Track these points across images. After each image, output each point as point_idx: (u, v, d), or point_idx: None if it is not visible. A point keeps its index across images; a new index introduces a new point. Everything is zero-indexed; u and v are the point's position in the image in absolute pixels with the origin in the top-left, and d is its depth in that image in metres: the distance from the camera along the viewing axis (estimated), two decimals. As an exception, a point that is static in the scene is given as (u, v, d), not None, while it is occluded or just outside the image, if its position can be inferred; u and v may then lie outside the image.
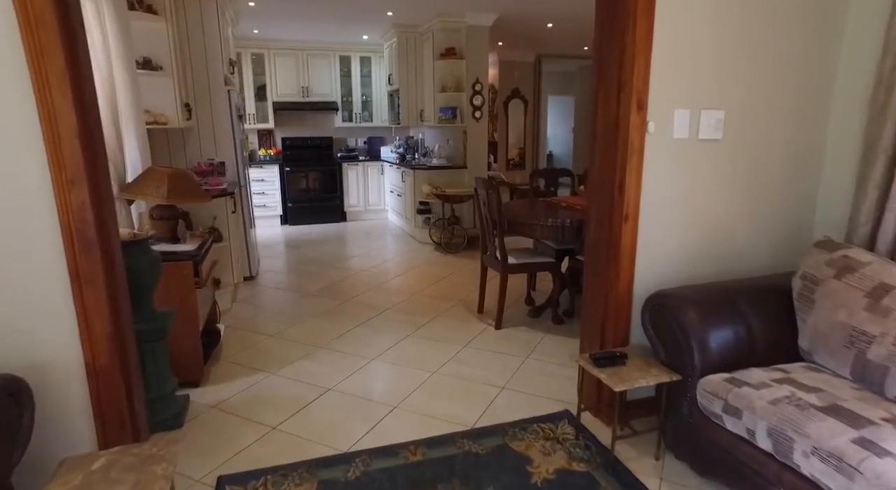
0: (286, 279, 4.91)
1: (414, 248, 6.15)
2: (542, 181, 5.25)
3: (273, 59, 7.25)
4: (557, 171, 4.81)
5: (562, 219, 3.32)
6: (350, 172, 7.71)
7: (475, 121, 6.15)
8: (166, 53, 3.59)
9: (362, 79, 7.85)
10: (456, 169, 6.26)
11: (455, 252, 5.87)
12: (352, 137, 8.25)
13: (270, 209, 7.42)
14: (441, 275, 5.01)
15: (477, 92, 6.06)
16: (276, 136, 7.82)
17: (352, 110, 7.89)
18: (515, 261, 3.56)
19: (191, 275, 2.67)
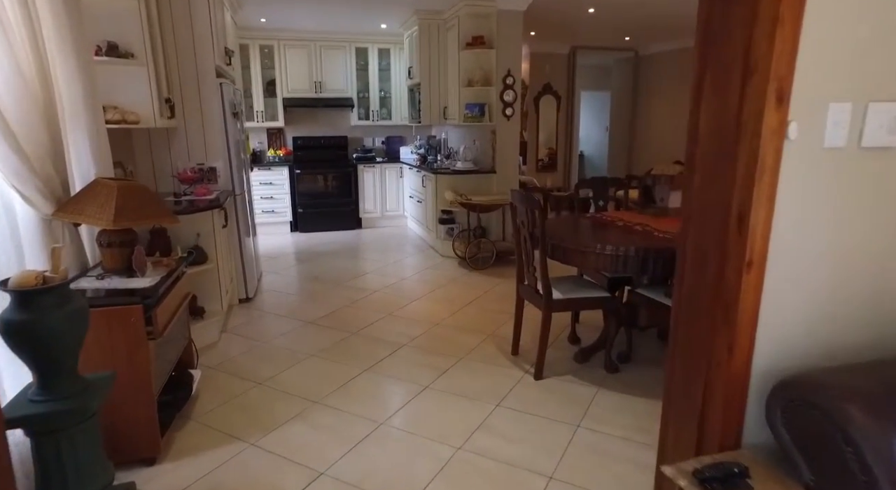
0: (288, 301, 4.27)
1: (435, 262, 5.47)
2: (587, 191, 4.51)
3: (283, 52, 6.64)
4: (608, 180, 4.03)
5: (623, 247, 2.58)
6: (366, 175, 7.06)
7: (506, 119, 5.43)
8: (138, 38, 2.96)
9: (380, 73, 7.18)
10: (483, 173, 5.55)
11: (482, 269, 5.16)
12: (368, 137, 7.60)
13: (279, 215, 6.81)
14: (466, 298, 4.31)
15: (508, 86, 5.34)
16: (287, 136, 7.22)
17: (368, 107, 7.24)
18: (562, 296, 2.84)
19: (141, 322, 2.02)
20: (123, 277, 2.23)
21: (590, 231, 3.05)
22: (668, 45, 7.94)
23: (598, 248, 2.62)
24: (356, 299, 4.29)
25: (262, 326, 3.73)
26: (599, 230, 3.04)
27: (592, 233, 2.99)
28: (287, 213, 6.85)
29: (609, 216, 3.38)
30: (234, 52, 4.51)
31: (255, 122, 6.69)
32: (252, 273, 4.32)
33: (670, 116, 8.03)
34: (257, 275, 4.73)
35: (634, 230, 2.95)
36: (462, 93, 5.50)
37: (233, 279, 4.04)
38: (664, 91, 8.15)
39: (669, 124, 8.06)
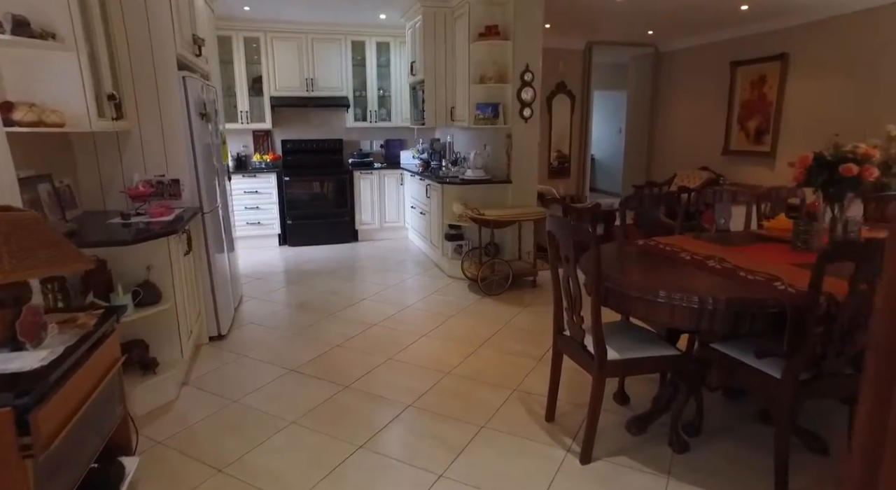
0: (269, 339, 3.57)
1: (442, 285, 4.77)
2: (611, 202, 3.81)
3: (270, 45, 5.94)
4: (660, 196, 3.23)
5: (711, 296, 1.89)
6: (363, 182, 6.36)
7: (523, 121, 4.74)
8: (62, 13, 2.26)
9: (379, 69, 6.49)
10: (497, 183, 4.86)
11: (496, 294, 4.47)
12: (366, 140, 6.90)
13: (266, 227, 6.11)
14: (482, 334, 3.62)
15: (526, 83, 4.65)
16: (275, 139, 6.52)
17: (366, 107, 6.55)
18: (618, 355, 2.15)
19: (10, 433, 1.33)
20: (5, 352, 1.54)
21: (652, 269, 2.36)
22: (691, 41, 7.26)
23: (674, 297, 1.93)
24: (350, 336, 3.59)
25: (233, 376, 3.03)
26: (663, 267, 2.35)
27: (657, 272, 2.30)
28: (275, 225, 6.15)
29: (665, 244, 2.68)
30: (206, 40, 3.81)
31: (238, 123, 5.99)
32: (226, 303, 3.62)
33: (693, 118, 7.36)
34: (235, 302, 4.03)
35: (710, 268, 2.26)
36: (472, 91, 4.81)
37: (201, 314, 3.35)
38: (686, 90, 7.47)
39: (692, 126, 7.39)
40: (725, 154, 6.81)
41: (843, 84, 5.39)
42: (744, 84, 6.47)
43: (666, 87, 7.90)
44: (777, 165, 6.15)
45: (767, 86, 6.17)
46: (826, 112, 5.58)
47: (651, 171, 8.32)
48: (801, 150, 5.97)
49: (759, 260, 2.35)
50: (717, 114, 6.92)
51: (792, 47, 5.87)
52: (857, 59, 5.25)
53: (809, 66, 5.71)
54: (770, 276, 2.07)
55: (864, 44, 5.18)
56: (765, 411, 2.54)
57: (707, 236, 2.95)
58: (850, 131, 5.59)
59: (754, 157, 6.42)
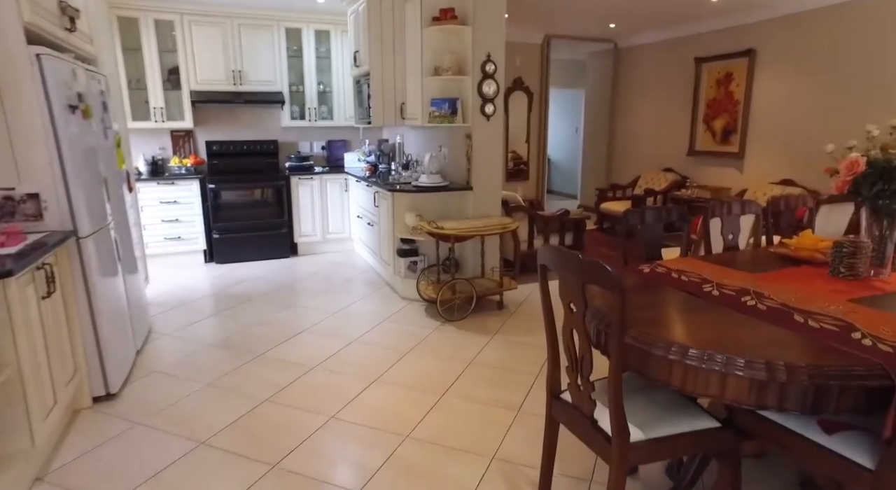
0: (177, 393, 2.80)
1: (395, 309, 4.11)
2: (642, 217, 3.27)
3: (188, 30, 5.08)
4: (671, 210, 2.57)
5: (786, 365, 1.33)
6: (302, 189, 5.60)
7: (485, 119, 4.15)
8: None
9: (318, 61, 5.75)
10: (456, 190, 4.25)
11: (458, 319, 3.86)
12: (305, 141, 6.14)
13: (188, 242, 5.25)
14: (445, 376, 2.99)
15: (488, 75, 4.06)
16: (198, 140, 5.65)
17: (304, 104, 5.79)
18: (643, 435, 1.57)
19: None
20: None
21: (678, 313, 1.80)
22: (652, 37, 6.92)
23: (731, 363, 1.37)
24: (282, 386, 2.88)
25: (118, 458, 2.26)
26: (690, 309, 1.79)
27: (686, 318, 1.74)
28: (198, 240, 5.29)
29: (676, 270, 2.14)
30: (86, 14, 2.98)
31: (151, 121, 5.10)
32: (120, 350, 2.83)
33: (656, 117, 7.02)
34: (138, 343, 3.23)
35: (751, 308, 1.72)
36: (426, 84, 4.18)
37: (78, 373, 2.54)
38: (648, 88, 7.13)
39: (656, 126, 7.05)
40: (691, 155, 6.49)
41: (813, 81, 5.12)
42: (709, 81, 6.16)
43: (626, 84, 7.54)
44: (746, 166, 5.86)
45: (734, 83, 5.87)
46: (796, 110, 5.31)
47: (612, 172, 7.96)
48: (770, 151, 5.72)
49: (806, 294, 1.83)
50: (681, 113, 6.59)
51: (759, 43, 5.58)
52: (825, 56, 4.99)
53: (778, 63, 5.43)
54: (839, 323, 1.55)
55: (832, 39, 4.92)
56: (809, 480, 2.04)
57: (718, 257, 2.44)
58: (821, 130, 5.39)
59: (722, 158, 6.11)
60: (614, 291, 1.41)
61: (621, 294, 1.41)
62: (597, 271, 1.44)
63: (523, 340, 3.50)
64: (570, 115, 10.06)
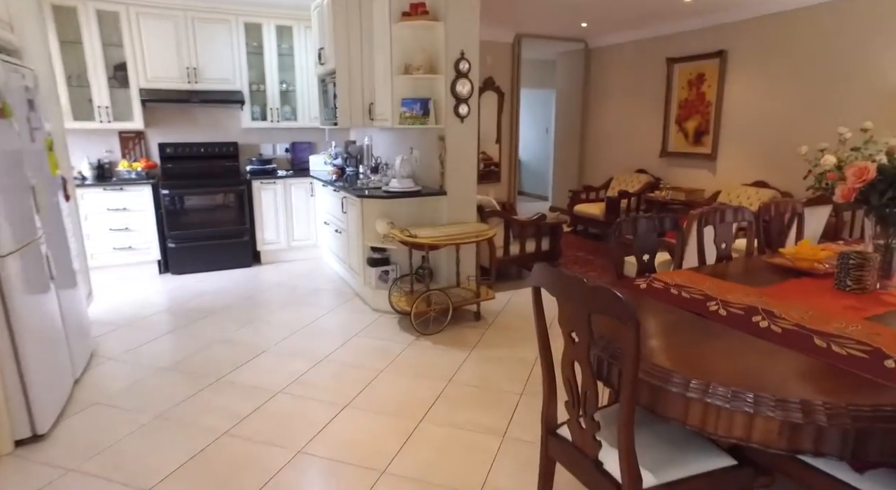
0: (120, 430, 2.49)
1: (366, 322, 3.85)
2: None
3: (136, 23, 4.70)
4: (664, 219, 2.36)
5: (829, 406, 1.17)
6: (264, 193, 5.28)
7: (459, 120, 3.94)
8: None
9: (281, 59, 5.43)
10: (429, 196, 4.03)
11: (433, 332, 3.64)
12: (267, 143, 5.81)
13: (140, 252, 4.86)
14: (422, 397, 2.76)
15: (462, 74, 3.85)
16: (150, 142, 5.25)
17: (265, 104, 5.46)
18: (655, 480, 1.39)
19: None
20: None
21: (686, 338, 1.62)
22: (623, 37, 6.86)
23: (761, 402, 1.19)
24: (243, 416, 2.60)
25: (48, 512, 1.95)
26: (696, 332, 1.62)
27: (696, 344, 1.56)
28: (152, 249, 4.91)
29: (674, 285, 1.98)
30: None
31: (96, 121, 4.69)
32: (52, 383, 2.50)
33: (628, 118, 6.96)
34: (77, 371, 2.89)
35: (764, 330, 1.56)
36: (396, 83, 3.94)
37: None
38: (620, 88, 7.07)
39: (628, 127, 6.99)
40: (664, 156, 6.44)
41: (784, 82, 5.11)
42: (681, 82, 6.12)
43: (598, 84, 7.47)
44: (718, 168, 5.84)
45: (706, 84, 5.84)
46: (767, 112, 5.29)
47: (584, 174, 7.88)
48: (742, 152, 5.70)
49: (819, 312, 1.69)
50: (653, 114, 6.54)
51: (731, 44, 5.55)
52: (796, 57, 4.98)
53: (749, 64, 5.41)
54: (866, 348, 1.40)
55: (803, 41, 4.92)
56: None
57: (715, 269, 2.29)
58: (793, 132, 5.39)
59: (694, 160, 6.08)
60: (628, 324, 1.22)
61: (636, 327, 1.21)
62: (607, 301, 1.25)
63: (504, 355, 3.30)
64: (541, 115, 9.97)
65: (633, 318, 1.21)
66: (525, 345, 3.44)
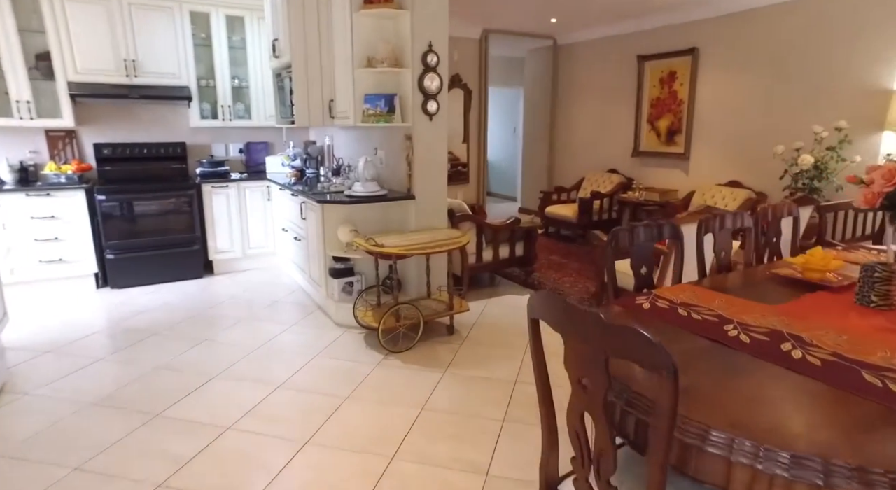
0: (28, 485, 2.08)
1: (329, 339, 3.51)
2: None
3: (60, 8, 4.20)
4: (664, 228, 2.10)
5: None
6: (216, 198, 4.85)
7: (427, 117, 3.64)
8: None
9: (232, 52, 5.01)
10: (395, 200, 3.72)
11: (403, 350, 3.33)
12: (219, 143, 5.36)
13: (73, 265, 4.36)
14: (393, 428, 2.45)
15: (430, 68, 3.55)
16: (83, 142, 4.75)
17: (216, 101, 5.02)
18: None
19: None
20: None
21: (710, 374, 1.37)
22: (592, 34, 6.70)
23: (824, 470, 0.94)
24: (185, 460, 2.23)
25: None
26: (722, 367, 1.37)
27: (728, 386, 1.30)
28: (88, 262, 4.42)
29: (680, 303, 1.74)
30: None
31: (14, 118, 4.18)
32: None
33: (599, 117, 6.81)
34: (-17, 414, 2.45)
35: (799, 362, 1.33)
36: (358, 78, 3.61)
37: None
38: (590, 86, 6.91)
39: (598, 126, 6.84)
40: (636, 155, 6.31)
41: (757, 81, 5.02)
42: (653, 80, 5.99)
43: (567, 83, 7.29)
44: (692, 167, 5.73)
45: (678, 82, 5.72)
46: (740, 110, 5.20)
47: (554, 174, 7.70)
48: (715, 152, 5.57)
49: (854, 336, 1.47)
50: (624, 112, 6.40)
51: (702, 41, 5.44)
52: (769, 55, 4.90)
53: (721, 62, 5.31)
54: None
55: (775, 39, 4.83)
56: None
57: (718, 282, 2.06)
58: (766, 131, 5.33)
59: (667, 159, 5.96)
60: (664, 374, 0.95)
61: (675, 380, 0.94)
62: (635, 344, 0.97)
63: (481, 375, 3.02)
64: (508, 114, 9.77)
65: (671, 366, 0.94)
66: (503, 362, 3.17)
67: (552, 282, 4.70)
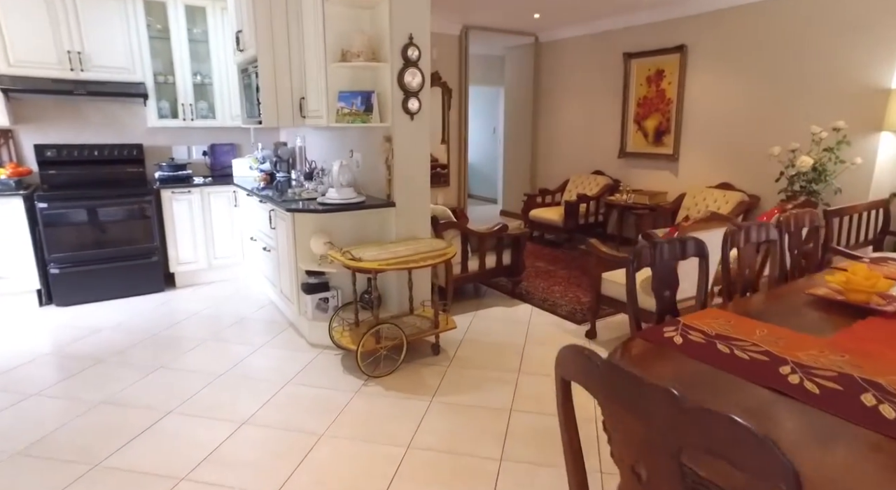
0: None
1: (302, 363, 3.16)
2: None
3: (-3, -5, 3.76)
4: (685, 245, 1.85)
5: None
6: (178, 204, 4.44)
7: (408, 117, 3.32)
8: None
9: (193, 45, 4.60)
10: (374, 208, 3.39)
11: (385, 374, 3.01)
12: (180, 145, 4.94)
13: (10, 281, 3.91)
14: (377, 474, 2.13)
15: (411, 63, 3.23)
16: (22, 143, 4.29)
17: (176, 99, 4.61)
18: None
19: None
20: None
21: (791, 447, 1.09)
22: (576, 30, 6.47)
23: None
24: (126, 526, 1.87)
25: None
26: (816, 440, 1.10)
27: (827, 466, 1.03)
28: (28, 277, 3.97)
29: (717, 336, 1.46)
30: None
31: (-57, 119, 3.71)
32: None
33: (584, 116, 6.59)
34: None
35: None
36: (332, 73, 3.27)
37: None
38: (574, 85, 6.68)
39: (583, 126, 6.62)
40: (622, 156, 6.10)
41: (748, 79, 4.85)
42: (639, 79, 5.78)
43: (550, 81, 7.05)
44: (681, 169, 5.54)
45: (666, 81, 5.52)
46: (731, 110, 5.02)
47: (537, 175, 7.46)
48: (706, 152, 5.36)
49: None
50: (610, 112, 6.18)
51: (691, 38, 5.25)
52: (761, 52, 4.73)
53: (711, 59, 5.12)
54: None
55: (766, 35, 4.66)
56: None
57: (751, 306, 1.80)
58: (758, 130, 5.14)
59: (655, 160, 5.76)
60: (778, 482, 0.65)
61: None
62: (728, 438, 0.68)
63: (472, 402, 2.72)
64: (488, 114, 9.51)
65: (791, 476, 0.65)
66: (495, 387, 2.88)
67: (541, 291, 4.43)
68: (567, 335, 3.57)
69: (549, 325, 3.77)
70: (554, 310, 4.01)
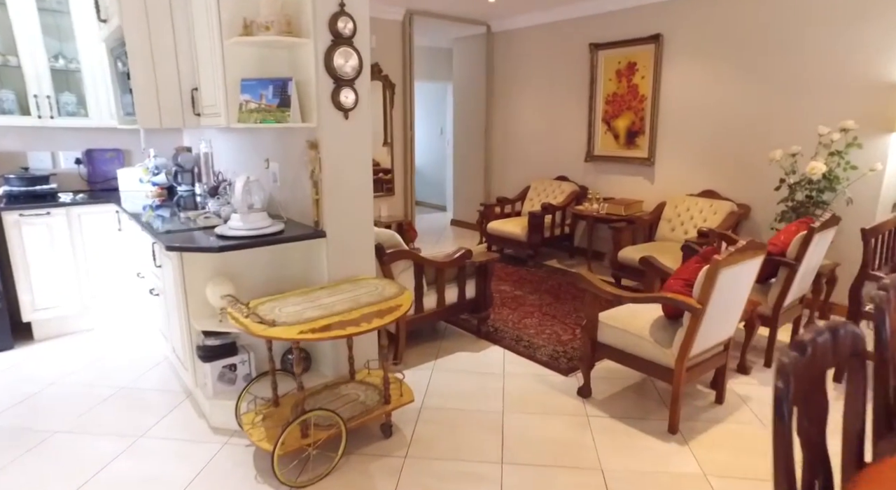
0: None
1: (200, 460, 2.20)
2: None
3: None
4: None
5: None
6: (31, 231, 3.33)
7: (341, 114, 2.42)
8: None
9: (46, 16, 3.49)
10: (295, 241, 2.46)
11: (315, 480, 2.10)
12: (39, 151, 3.79)
13: None
14: None
15: (344, 39, 2.33)
16: None
17: (24, 90, 3.47)
18: None
19: None
20: None
21: None
22: (534, 19, 5.75)
23: None
24: None
25: None
26: None
27: None
28: None
29: None
30: None
31: None
32: None
33: (543, 115, 5.88)
34: None
35: None
36: (230, 53, 2.32)
37: None
38: (532, 80, 5.96)
39: (543, 126, 5.91)
40: (590, 160, 5.43)
41: (733, 74, 4.27)
42: (608, 73, 5.12)
43: (505, 76, 6.30)
44: (658, 175, 4.92)
45: (639, 75, 4.89)
46: (714, 108, 4.44)
47: (492, 181, 6.70)
48: (686, 156, 4.31)
49: None
50: (575, 110, 5.50)
51: (667, 27, 4.63)
52: (747, 43, 4.16)
53: (691, 51, 4.52)
54: None
55: (755, 23, 4.09)
56: None
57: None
58: (745, 131, 4.49)
59: (628, 165, 5.12)
60: None
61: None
62: None
63: (446, 528, 1.87)
64: (434, 112, 8.67)
65: None
66: (472, 484, 2.05)
67: (511, 327, 3.65)
68: (554, 393, 2.80)
69: (529, 377, 2.98)
70: (531, 354, 3.23)
